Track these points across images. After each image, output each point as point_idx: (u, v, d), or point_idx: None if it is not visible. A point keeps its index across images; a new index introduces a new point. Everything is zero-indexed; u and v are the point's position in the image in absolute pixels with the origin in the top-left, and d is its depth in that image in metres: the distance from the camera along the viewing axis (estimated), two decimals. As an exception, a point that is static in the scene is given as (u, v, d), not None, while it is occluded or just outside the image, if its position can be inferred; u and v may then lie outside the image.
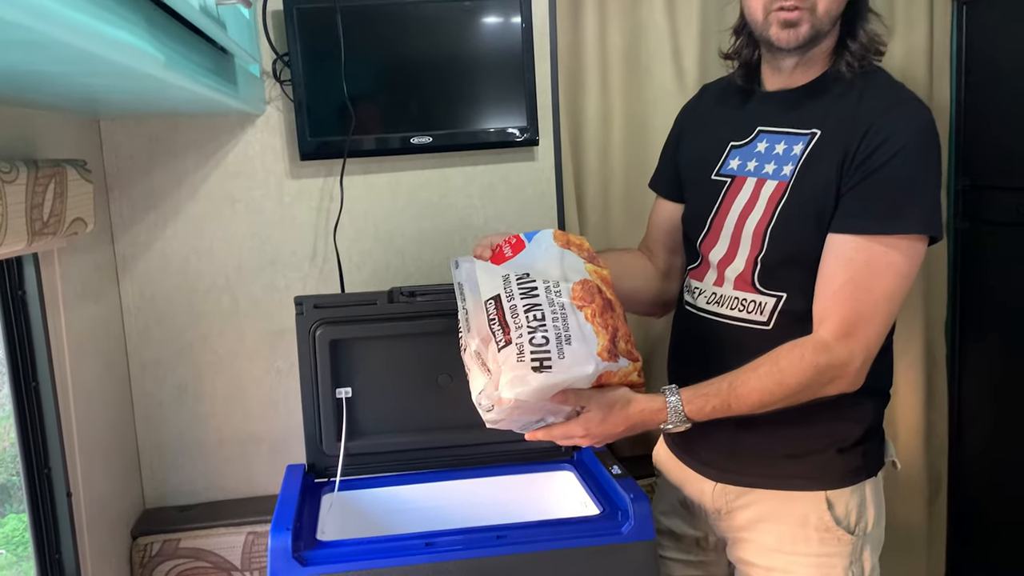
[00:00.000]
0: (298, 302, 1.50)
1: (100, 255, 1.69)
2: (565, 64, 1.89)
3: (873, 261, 1.21)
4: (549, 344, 1.17)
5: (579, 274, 1.28)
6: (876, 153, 1.22)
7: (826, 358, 1.22)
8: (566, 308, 1.21)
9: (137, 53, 0.76)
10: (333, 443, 1.51)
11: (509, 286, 1.26)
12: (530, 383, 1.15)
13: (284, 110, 1.77)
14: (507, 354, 1.19)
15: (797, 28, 1.27)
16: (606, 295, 1.26)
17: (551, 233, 1.35)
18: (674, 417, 1.24)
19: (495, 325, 1.23)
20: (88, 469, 1.50)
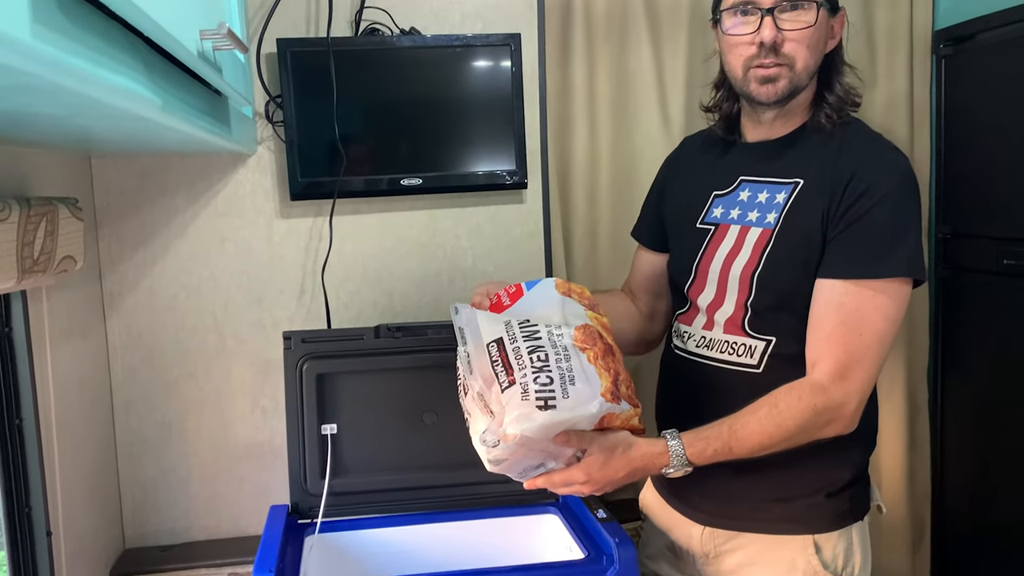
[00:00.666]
0: (286, 336, 1.52)
1: (88, 292, 1.69)
2: (554, 110, 1.92)
3: (863, 305, 1.24)
4: (554, 384, 1.17)
5: (580, 319, 1.29)
6: (860, 201, 1.25)
7: (823, 400, 1.23)
8: (569, 350, 1.22)
9: (135, 97, 0.77)
10: (317, 481, 1.51)
11: (511, 329, 1.26)
12: (535, 420, 1.15)
13: (275, 150, 1.79)
14: (511, 394, 1.19)
15: (776, 84, 1.31)
16: (607, 340, 1.27)
17: (553, 282, 1.36)
18: (676, 461, 1.24)
19: (498, 366, 1.22)
20: (69, 508, 1.48)
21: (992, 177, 1.87)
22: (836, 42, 1.35)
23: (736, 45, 1.33)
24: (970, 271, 1.96)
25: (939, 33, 2.01)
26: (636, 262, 1.62)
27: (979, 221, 1.92)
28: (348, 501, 1.54)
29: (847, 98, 1.36)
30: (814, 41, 1.30)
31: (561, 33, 1.92)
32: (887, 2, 2.00)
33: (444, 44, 1.77)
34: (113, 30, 0.71)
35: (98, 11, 0.66)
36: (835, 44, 1.35)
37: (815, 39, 1.30)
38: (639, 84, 1.95)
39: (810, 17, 1.28)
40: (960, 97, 1.98)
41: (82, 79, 0.64)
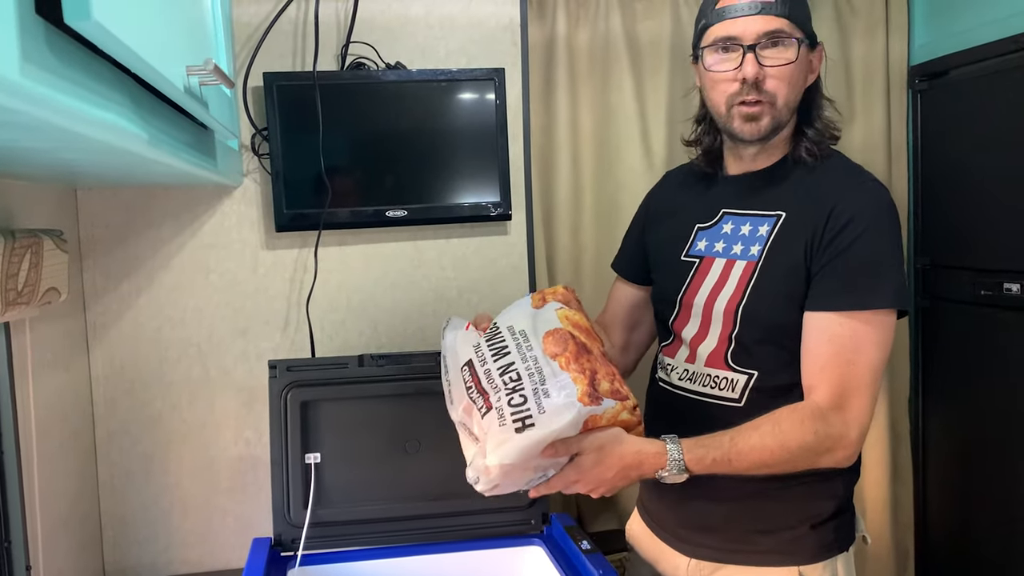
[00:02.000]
0: (272, 365, 1.54)
1: (71, 323, 1.68)
2: (538, 143, 1.95)
3: (855, 335, 1.25)
4: (528, 402, 1.16)
5: (550, 324, 1.27)
6: (843, 233, 1.27)
7: (824, 426, 1.23)
8: (540, 360, 1.20)
9: (122, 132, 0.78)
10: (300, 511, 1.51)
11: (480, 350, 1.25)
12: (515, 445, 1.14)
13: (261, 182, 1.80)
14: (490, 420, 1.18)
15: (759, 122, 1.33)
16: (579, 340, 1.24)
17: (529, 297, 1.36)
18: (672, 465, 1.21)
19: (473, 393, 1.22)
20: (49, 542, 1.47)
21: (969, 209, 1.91)
22: (815, 76, 1.38)
23: (719, 81, 1.35)
24: (949, 301, 1.98)
25: (914, 68, 2.05)
26: (614, 294, 1.63)
27: (957, 252, 1.95)
28: (331, 532, 1.53)
29: (826, 131, 1.38)
30: (795, 77, 1.32)
31: (545, 68, 1.95)
32: (863, 38, 2.05)
33: (429, 78, 1.79)
34: (100, 67, 0.72)
35: (86, 49, 0.67)
36: (814, 78, 1.38)
37: (796, 75, 1.33)
38: (621, 118, 1.98)
39: (791, 54, 1.31)
40: (936, 131, 2.02)
41: (70, 116, 0.65)
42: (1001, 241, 1.81)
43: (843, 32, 2.05)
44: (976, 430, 1.92)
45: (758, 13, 1.30)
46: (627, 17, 1.96)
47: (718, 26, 1.33)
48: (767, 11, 1.30)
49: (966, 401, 1.95)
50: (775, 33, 1.30)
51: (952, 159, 1.97)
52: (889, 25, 2.05)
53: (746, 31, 1.30)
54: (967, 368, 1.94)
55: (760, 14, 1.30)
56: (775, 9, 1.30)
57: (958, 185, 1.94)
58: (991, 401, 1.85)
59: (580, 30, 1.96)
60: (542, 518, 1.58)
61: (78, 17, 0.57)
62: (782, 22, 1.30)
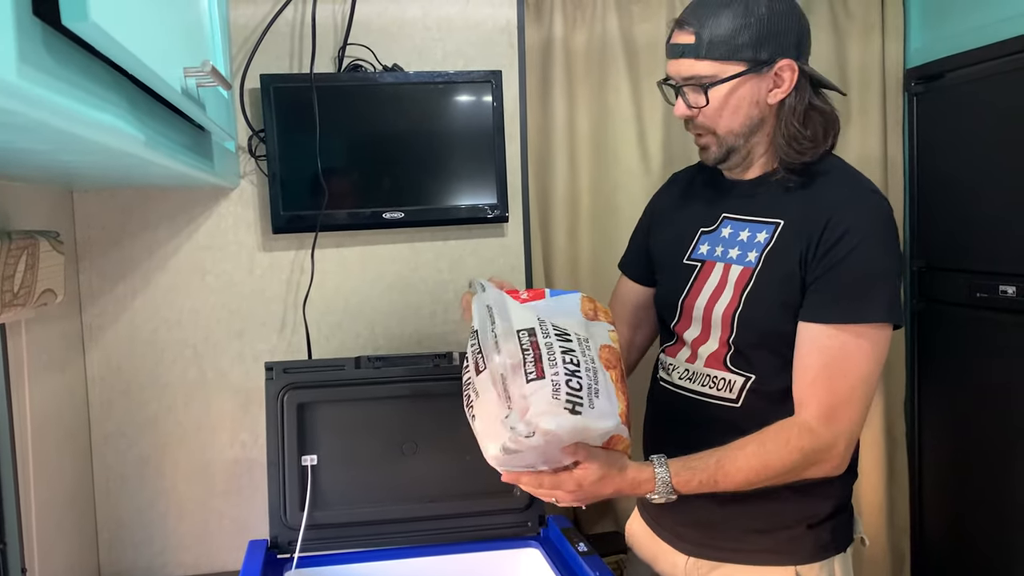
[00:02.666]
0: (268, 367, 1.54)
1: (67, 325, 1.68)
2: (535, 145, 1.95)
3: (846, 348, 1.25)
4: (583, 391, 1.15)
5: (605, 339, 1.27)
6: (838, 245, 1.26)
7: (811, 442, 1.25)
8: (596, 364, 1.20)
9: (119, 134, 0.78)
10: (297, 514, 1.50)
11: (545, 326, 1.23)
12: (564, 422, 1.13)
13: (258, 184, 1.80)
14: (537, 387, 1.16)
15: (708, 151, 1.38)
16: (623, 368, 1.26)
17: (579, 297, 1.32)
18: (661, 488, 1.24)
19: (528, 355, 1.19)
20: (45, 544, 1.47)
21: (964, 212, 1.91)
22: (784, 91, 1.31)
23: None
24: (945, 304, 1.99)
25: (910, 72, 2.06)
26: (619, 292, 1.62)
27: (952, 255, 1.95)
28: (328, 535, 1.53)
29: (789, 152, 1.33)
30: (732, 105, 1.31)
31: (542, 70, 1.96)
32: (859, 42, 2.05)
33: (426, 80, 1.79)
34: (98, 68, 0.72)
35: (83, 50, 0.67)
36: (782, 93, 1.32)
37: (733, 104, 1.31)
38: (618, 121, 1.98)
39: (714, 96, 1.31)
40: (932, 134, 2.02)
41: (67, 117, 0.65)
42: (997, 244, 1.81)
43: (839, 36, 2.05)
44: (972, 432, 1.92)
45: (680, 57, 1.32)
46: (624, 19, 1.97)
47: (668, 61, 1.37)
48: (687, 54, 1.31)
49: (962, 403, 1.96)
50: (690, 79, 1.32)
51: (948, 162, 1.97)
52: (885, 29, 2.06)
53: (676, 72, 1.34)
54: (963, 370, 1.95)
55: (682, 58, 1.32)
56: (692, 52, 1.30)
57: (954, 188, 1.95)
58: (987, 403, 1.86)
59: (577, 32, 1.96)
60: (539, 520, 1.58)
61: (76, 19, 0.57)
62: (700, 66, 1.30)
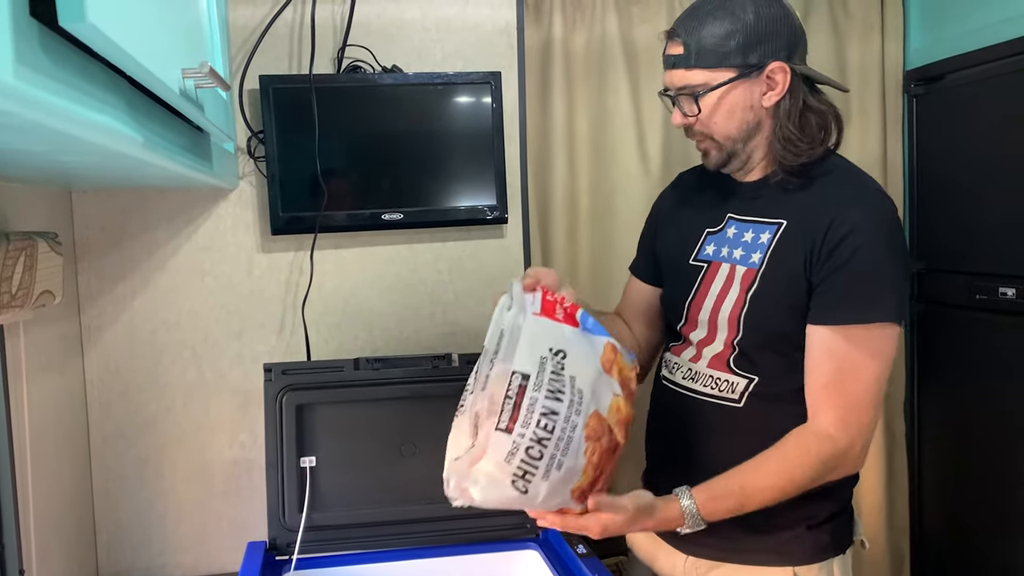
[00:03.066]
0: (267, 368, 1.54)
1: (66, 326, 1.68)
2: (534, 147, 1.95)
3: (855, 350, 1.26)
4: (541, 460, 1.13)
5: (603, 406, 1.20)
6: (841, 246, 1.26)
7: (830, 449, 1.26)
8: (575, 432, 1.16)
9: (117, 135, 0.78)
10: (295, 515, 1.50)
11: (542, 374, 1.18)
12: (503, 494, 1.14)
13: (257, 185, 1.80)
14: (498, 441, 1.14)
15: (708, 156, 1.40)
16: (615, 437, 1.21)
17: (604, 344, 1.25)
18: (691, 521, 1.24)
19: (508, 404, 1.16)
20: (43, 545, 1.46)
21: (964, 213, 1.91)
22: (778, 93, 1.32)
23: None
24: (944, 305, 1.98)
25: (910, 73, 2.06)
26: (630, 291, 1.62)
27: (952, 257, 1.95)
28: (326, 536, 1.53)
29: (785, 155, 1.33)
30: (726, 111, 1.33)
31: (541, 72, 1.96)
32: (859, 43, 2.05)
33: (425, 82, 1.79)
34: (95, 69, 0.72)
35: (80, 51, 0.67)
36: (777, 95, 1.32)
37: (726, 110, 1.33)
38: (617, 122, 1.98)
39: (706, 104, 1.33)
40: (931, 135, 2.02)
41: (64, 118, 0.65)
42: (996, 245, 1.81)
43: (838, 37, 2.05)
44: (971, 433, 1.92)
45: (672, 68, 1.35)
46: (623, 21, 1.97)
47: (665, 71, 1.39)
48: (678, 65, 1.34)
49: (961, 404, 1.96)
50: (686, 88, 1.34)
51: (947, 164, 1.97)
52: (885, 30, 2.06)
53: (670, 82, 1.37)
54: (962, 372, 1.94)
55: (674, 68, 1.35)
56: (682, 62, 1.33)
57: (954, 190, 1.95)
58: (986, 404, 1.86)
59: (576, 34, 1.96)
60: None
61: (73, 19, 0.57)
62: (691, 76, 1.32)
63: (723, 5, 1.31)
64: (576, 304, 1.28)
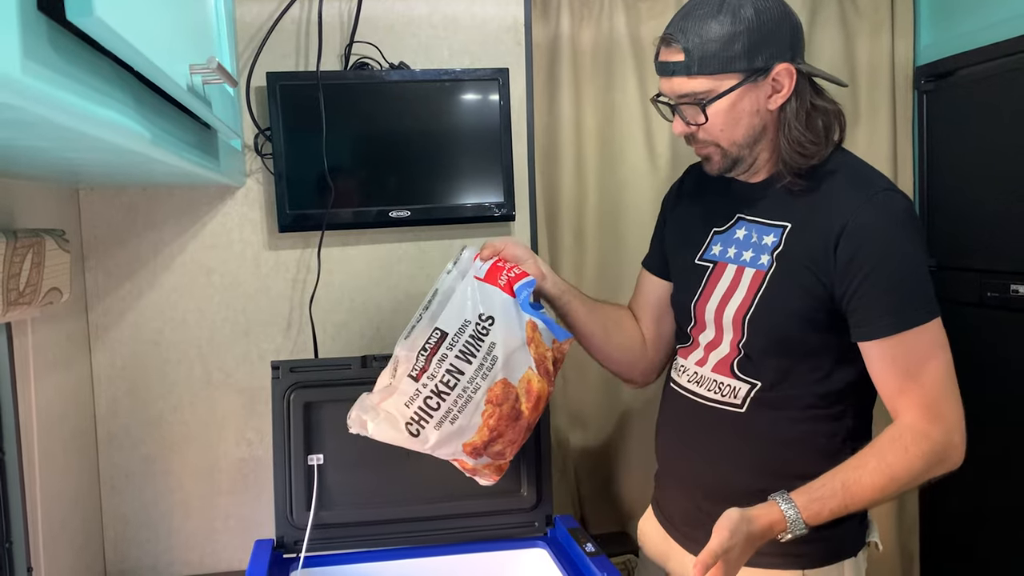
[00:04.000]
0: (274, 366, 1.54)
1: (73, 324, 1.68)
2: (541, 143, 1.94)
3: (916, 349, 1.25)
4: (436, 412, 1.29)
5: (514, 374, 1.33)
6: (861, 256, 1.23)
7: (928, 445, 1.24)
8: (476, 395, 1.30)
9: (124, 131, 0.77)
10: (303, 513, 1.50)
11: (460, 336, 1.31)
12: (381, 433, 1.31)
13: (264, 182, 1.79)
14: (406, 387, 1.30)
15: (711, 162, 1.35)
16: (519, 405, 1.33)
17: (526, 322, 1.36)
18: (793, 526, 1.21)
19: (422, 356, 1.31)
20: (50, 543, 1.46)
21: (975, 210, 1.90)
22: (784, 95, 1.29)
23: None
24: (955, 303, 1.97)
25: (920, 69, 2.04)
26: (641, 285, 1.60)
27: (963, 254, 1.94)
28: (334, 534, 1.53)
29: (791, 156, 1.31)
30: (733, 118, 1.28)
31: (548, 68, 1.95)
32: (868, 39, 2.04)
33: (433, 78, 1.78)
34: (103, 65, 0.71)
35: (88, 47, 0.67)
36: (782, 99, 1.29)
37: (734, 117, 1.28)
38: (625, 118, 1.97)
39: (713, 111, 1.27)
40: (942, 132, 2.01)
41: (71, 114, 0.64)
42: (1008, 243, 1.80)
43: (848, 33, 2.04)
44: (982, 432, 1.90)
45: (671, 75, 1.29)
46: (631, 17, 1.96)
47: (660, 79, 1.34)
48: (678, 72, 1.27)
49: (972, 403, 1.93)
50: (685, 96, 1.28)
51: (958, 160, 1.96)
52: (895, 26, 2.04)
53: (669, 91, 1.31)
54: (973, 370, 1.92)
55: (673, 76, 1.28)
56: (683, 69, 1.26)
57: (964, 187, 1.94)
58: (997, 402, 1.84)
59: (584, 30, 1.95)
60: (546, 520, 1.57)
61: (80, 13, 0.56)
62: (693, 83, 1.26)
63: (721, 6, 1.25)
64: (524, 273, 1.41)
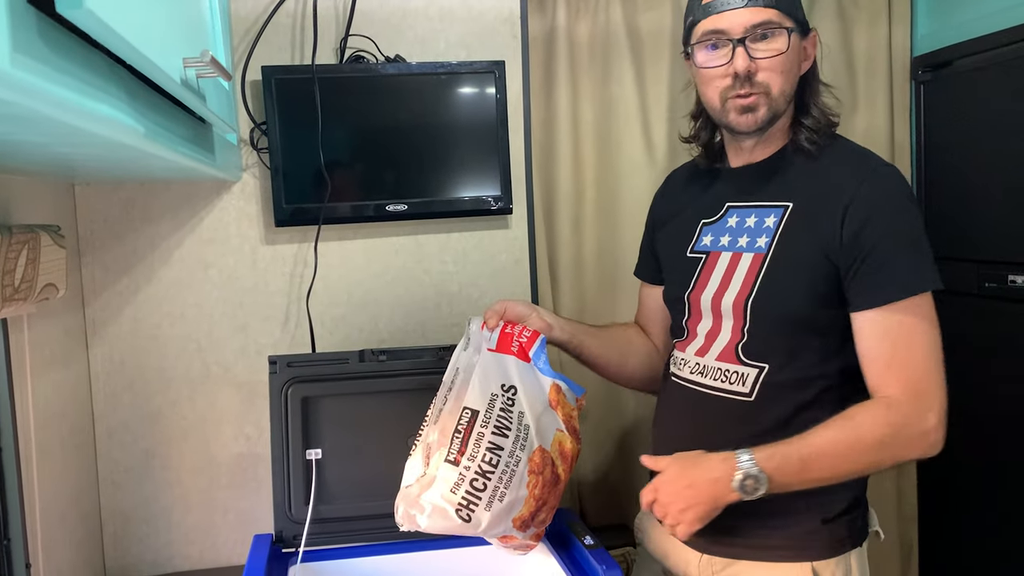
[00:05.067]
0: (272, 360, 1.54)
1: (70, 320, 1.67)
2: (538, 136, 1.94)
3: (906, 322, 1.24)
4: (485, 492, 1.26)
5: (546, 438, 1.33)
6: (867, 229, 1.25)
7: (900, 417, 1.23)
8: (519, 467, 1.29)
9: (118, 125, 0.77)
10: (302, 508, 1.50)
11: (491, 411, 1.31)
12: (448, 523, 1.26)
13: (260, 177, 1.79)
14: (447, 473, 1.26)
15: (755, 113, 1.31)
16: (557, 470, 1.33)
17: (551, 384, 1.39)
18: (746, 465, 1.20)
19: (457, 438, 1.28)
20: (48, 539, 1.46)
21: (972, 201, 1.90)
22: (810, 63, 1.36)
23: (712, 78, 1.33)
24: (953, 294, 1.96)
25: (917, 59, 2.04)
26: (642, 298, 1.63)
27: (960, 244, 1.93)
28: (333, 529, 1.53)
29: (822, 119, 1.36)
30: (788, 66, 1.30)
31: (545, 61, 1.94)
32: (866, 29, 2.03)
33: (429, 71, 1.78)
34: (95, 58, 0.71)
35: (80, 40, 0.66)
36: (809, 65, 1.36)
37: (788, 64, 1.30)
38: (622, 111, 1.97)
39: (781, 44, 1.28)
40: (939, 122, 2.00)
41: (63, 108, 0.64)
42: (1005, 233, 1.80)
43: (845, 23, 2.03)
44: (980, 422, 1.91)
45: (745, 6, 1.28)
46: (628, 9, 1.95)
47: (705, 21, 1.31)
48: (754, 2, 1.28)
49: (970, 393, 1.94)
50: (763, 25, 1.28)
51: (955, 150, 1.96)
52: (892, 15, 2.04)
53: (733, 24, 1.28)
54: (971, 360, 1.93)
55: (748, 6, 1.28)
56: (763, 0, 1.28)
57: (961, 176, 1.93)
58: (995, 393, 1.84)
59: (580, 22, 1.94)
60: (545, 513, 1.57)
61: (71, 6, 0.56)
62: (770, 12, 1.28)
63: None
64: (536, 333, 1.42)
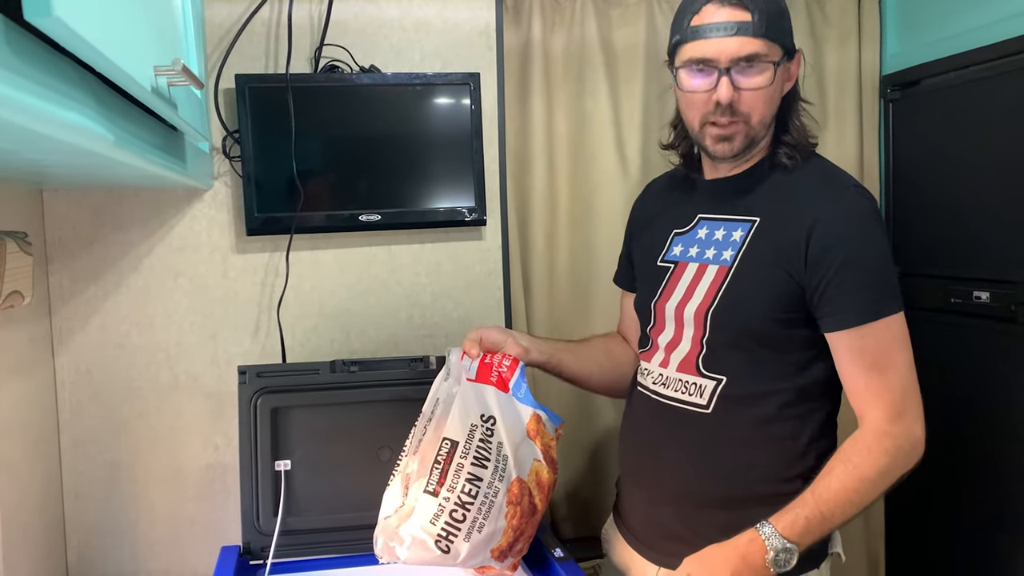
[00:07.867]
0: (241, 370, 1.53)
1: (36, 327, 1.65)
2: (513, 148, 1.94)
3: (881, 341, 1.27)
4: (464, 523, 1.26)
5: (524, 469, 1.34)
6: (832, 251, 1.25)
7: (892, 442, 1.26)
8: (498, 498, 1.29)
9: (86, 133, 0.76)
10: (270, 519, 1.49)
11: (471, 441, 1.31)
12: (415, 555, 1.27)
13: (232, 185, 1.78)
14: (426, 504, 1.26)
15: (731, 142, 1.31)
16: (534, 500, 1.34)
17: (531, 414, 1.39)
18: (773, 541, 1.22)
19: (436, 469, 1.29)
20: (11, 552, 1.44)
21: (939, 218, 1.92)
22: (792, 83, 1.35)
23: (694, 102, 1.31)
24: (920, 310, 1.99)
25: (886, 78, 2.07)
26: (623, 306, 1.64)
27: (928, 260, 1.96)
28: (301, 540, 1.52)
29: (800, 139, 1.36)
30: (770, 96, 1.29)
31: (520, 73, 1.95)
32: (836, 48, 2.06)
33: (404, 82, 1.78)
34: (64, 66, 0.70)
35: (49, 47, 0.66)
36: (791, 85, 1.35)
37: (771, 95, 1.29)
38: (596, 124, 1.98)
39: (766, 78, 1.27)
40: (907, 140, 2.03)
41: (31, 115, 0.63)
42: (971, 250, 1.82)
43: (816, 41, 2.06)
44: (947, 437, 1.93)
45: (734, 35, 1.25)
46: (603, 24, 1.96)
47: (692, 45, 1.28)
48: (744, 32, 1.24)
49: (937, 408, 1.96)
50: (751, 57, 1.25)
51: (923, 168, 1.99)
52: (861, 35, 2.07)
53: (720, 54, 1.25)
54: (937, 376, 1.95)
55: (736, 35, 1.25)
56: (752, 30, 1.24)
57: (929, 194, 1.96)
58: (961, 407, 1.87)
59: (556, 36, 1.95)
60: (515, 526, 1.57)
61: (38, 13, 0.55)
62: (759, 44, 1.25)
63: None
64: (516, 362, 1.43)
